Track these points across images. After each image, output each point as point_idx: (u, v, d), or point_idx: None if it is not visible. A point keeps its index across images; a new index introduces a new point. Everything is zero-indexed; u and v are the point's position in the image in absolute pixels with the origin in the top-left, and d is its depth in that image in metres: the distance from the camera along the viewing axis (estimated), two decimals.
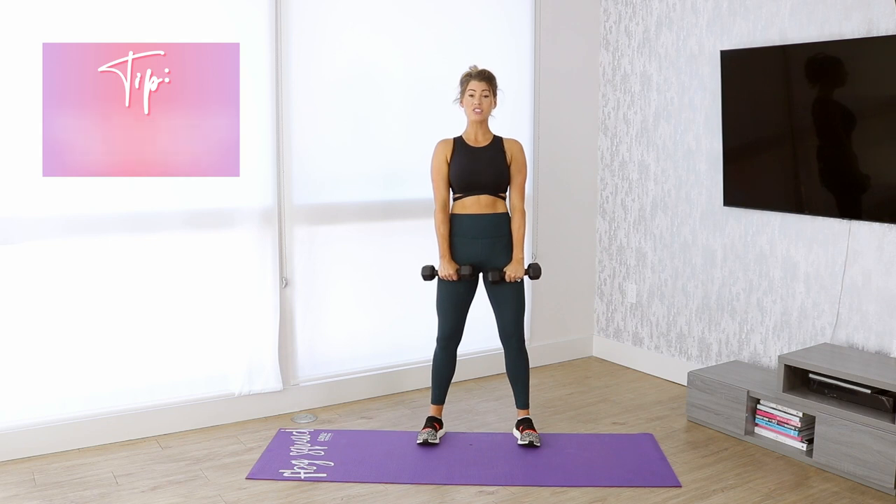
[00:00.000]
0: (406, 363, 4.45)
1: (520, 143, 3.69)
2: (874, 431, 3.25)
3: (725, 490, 3.27)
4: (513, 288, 3.63)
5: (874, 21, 3.58)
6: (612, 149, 4.98)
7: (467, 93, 3.57)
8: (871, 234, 3.66)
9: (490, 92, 3.57)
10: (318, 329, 4.21)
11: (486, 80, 3.56)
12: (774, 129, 3.97)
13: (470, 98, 3.56)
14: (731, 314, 4.31)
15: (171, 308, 3.81)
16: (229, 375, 3.97)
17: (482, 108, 3.56)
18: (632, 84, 4.80)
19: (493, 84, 3.59)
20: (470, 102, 3.57)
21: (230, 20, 3.79)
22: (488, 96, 3.56)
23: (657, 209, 4.70)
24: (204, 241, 3.86)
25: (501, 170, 3.60)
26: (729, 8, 4.21)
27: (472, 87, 3.55)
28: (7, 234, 3.43)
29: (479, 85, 3.55)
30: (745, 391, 3.76)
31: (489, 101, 3.57)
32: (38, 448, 3.54)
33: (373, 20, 4.18)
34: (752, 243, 4.18)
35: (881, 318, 3.65)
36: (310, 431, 3.84)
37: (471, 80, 3.56)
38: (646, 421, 4.04)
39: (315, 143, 4.08)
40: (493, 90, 3.59)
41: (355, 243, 4.27)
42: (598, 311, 5.18)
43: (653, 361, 4.79)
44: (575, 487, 3.28)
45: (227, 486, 3.27)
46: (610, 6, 4.91)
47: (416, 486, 3.29)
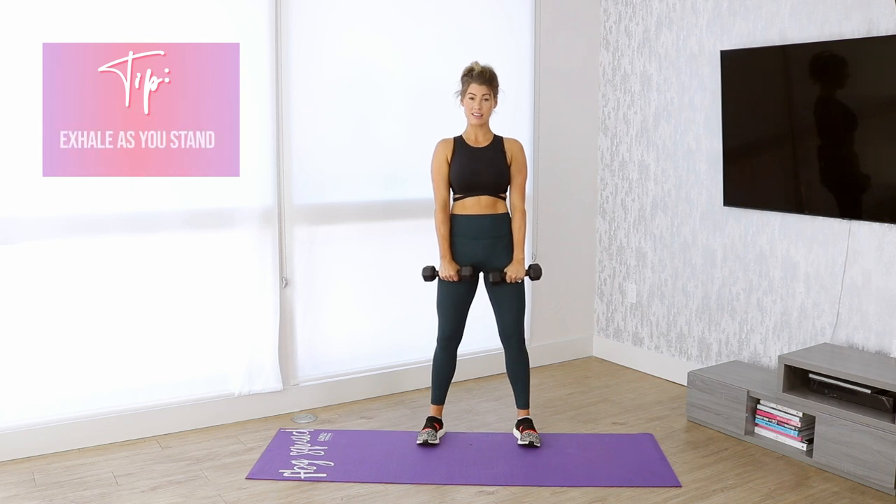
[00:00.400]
0: (406, 363, 4.45)
1: (520, 142, 3.67)
2: (874, 431, 3.25)
3: (725, 490, 3.27)
4: (513, 288, 3.63)
5: (874, 21, 3.58)
6: (612, 149, 4.98)
7: (467, 95, 3.53)
8: (871, 234, 3.66)
9: (491, 95, 3.53)
10: (318, 329, 4.21)
11: (486, 84, 3.50)
12: (774, 129, 3.97)
13: (470, 101, 3.52)
14: (731, 314, 4.31)
15: (171, 308, 3.81)
16: (229, 375, 3.97)
17: (482, 113, 3.53)
18: (632, 84, 4.80)
19: (493, 86, 3.54)
20: (470, 106, 3.53)
21: (230, 20, 3.79)
22: (489, 100, 3.53)
23: (657, 209, 4.70)
24: (204, 241, 3.86)
25: (502, 170, 3.58)
26: (729, 8, 4.21)
27: (473, 91, 3.50)
28: (7, 234, 3.43)
29: (480, 89, 3.50)
30: (745, 391, 3.76)
31: (489, 104, 3.54)
32: (38, 448, 3.54)
33: (373, 20, 4.18)
34: (752, 243, 4.18)
35: (881, 318, 3.65)
36: (310, 431, 3.84)
37: (471, 83, 3.51)
38: (646, 421, 4.04)
39: (315, 143, 4.08)
40: (493, 92, 3.55)
41: (355, 243, 4.27)
42: (598, 311, 5.18)
43: (653, 361, 4.79)
44: (575, 487, 3.28)
45: (227, 486, 3.27)
46: (610, 6, 4.91)
47: (416, 486, 3.29)
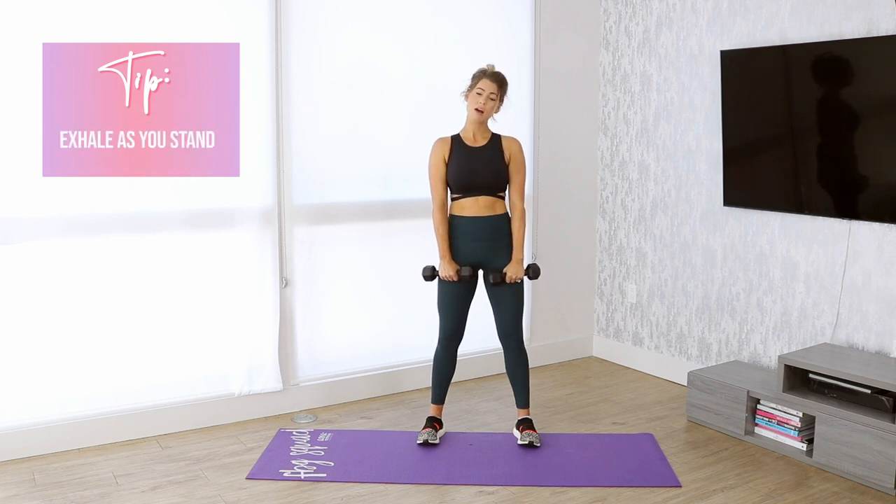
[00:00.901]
0: (406, 363, 4.45)
1: (518, 141, 3.66)
2: (874, 431, 3.25)
3: (725, 490, 3.27)
4: (512, 288, 3.62)
5: (874, 21, 3.58)
6: (612, 149, 4.98)
7: (476, 89, 3.53)
8: (871, 234, 3.66)
9: (497, 95, 3.53)
10: (318, 329, 4.21)
11: (497, 83, 3.52)
12: (774, 129, 3.97)
13: (477, 96, 3.52)
14: (731, 314, 4.31)
15: (171, 308, 3.81)
16: (229, 375, 3.97)
17: (485, 110, 3.53)
18: (632, 84, 4.80)
19: (503, 88, 3.55)
20: (475, 100, 3.52)
21: (230, 20, 3.79)
22: (494, 99, 3.53)
23: (657, 209, 4.70)
24: (204, 241, 3.86)
25: (499, 169, 3.57)
26: (729, 8, 4.21)
27: (482, 87, 3.51)
28: (7, 234, 3.43)
29: (490, 86, 3.50)
30: (745, 391, 3.76)
31: (494, 104, 3.54)
32: (38, 448, 3.54)
33: (373, 20, 4.18)
34: (752, 243, 4.18)
35: (881, 318, 3.65)
36: (310, 431, 3.84)
37: (483, 78, 3.52)
38: (646, 421, 4.04)
39: (315, 143, 4.08)
40: (500, 95, 3.55)
41: (355, 243, 4.27)
42: (598, 311, 5.18)
43: (653, 361, 4.79)
44: (575, 487, 3.28)
45: (227, 486, 3.27)
46: (610, 6, 4.91)
47: (416, 486, 3.29)
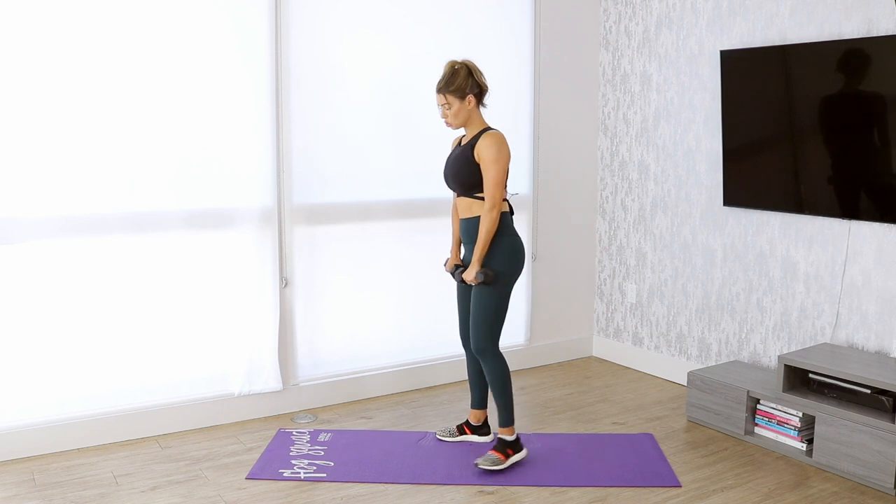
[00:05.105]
0: (406, 363, 4.45)
1: (495, 136, 3.33)
2: (874, 431, 3.26)
3: (725, 490, 3.27)
4: (474, 291, 3.43)
5: (874, 21, 3.58)
6: (611, 149, 4.98)
7: None
8: (871, 234, 3.66)
9: (449, 101, 3.35)
10: (318, 329, 4.22)
11: (442, 93, 3.36)
12: (774, 129, 3.97)
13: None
14: (731, 314, 4.31)
15: (171, 308, 3.81)
16: (229, 375, 3.98)
17: (450, 122, 3.41)
18: (632, 84, 4.80)
19: (450, 90, 3.34)
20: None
21: (230, 20, 3.79)
22: (451, 107, 3.36)
23: (657, 209, 4.70)
24: (204, 241, 3.86)
25: (461, 169, 3.36)
26: (729, 8, 4.21)
27: (438, 102, 3.40)
28: (7, 234, 3.43)
29: (439, 98, 3.38)
30: (744, 391, 3.76)
31: (454, 109, 3.36)
32: (38, 448, 3.54)
33: (373, 20, 4.18)
34: (752, 243, 4.18)
35: (881, 318, 3.65)
36: (310, 431, 3.84)
37: (436, 94, 3.40)
38: (646, 421, 4.04)
39: (315, 143, 4.08)
40: (454, 97, 3.35)
41: (355, 243, 4.27)
42: (597, 311, 5.18)
43: (653, 361, 4.79)
44: (575, 487, 3.28)
45: (226, 486, 3.27)
46: (610, 6, 4.91)
47: (416, 486, 3.29)
